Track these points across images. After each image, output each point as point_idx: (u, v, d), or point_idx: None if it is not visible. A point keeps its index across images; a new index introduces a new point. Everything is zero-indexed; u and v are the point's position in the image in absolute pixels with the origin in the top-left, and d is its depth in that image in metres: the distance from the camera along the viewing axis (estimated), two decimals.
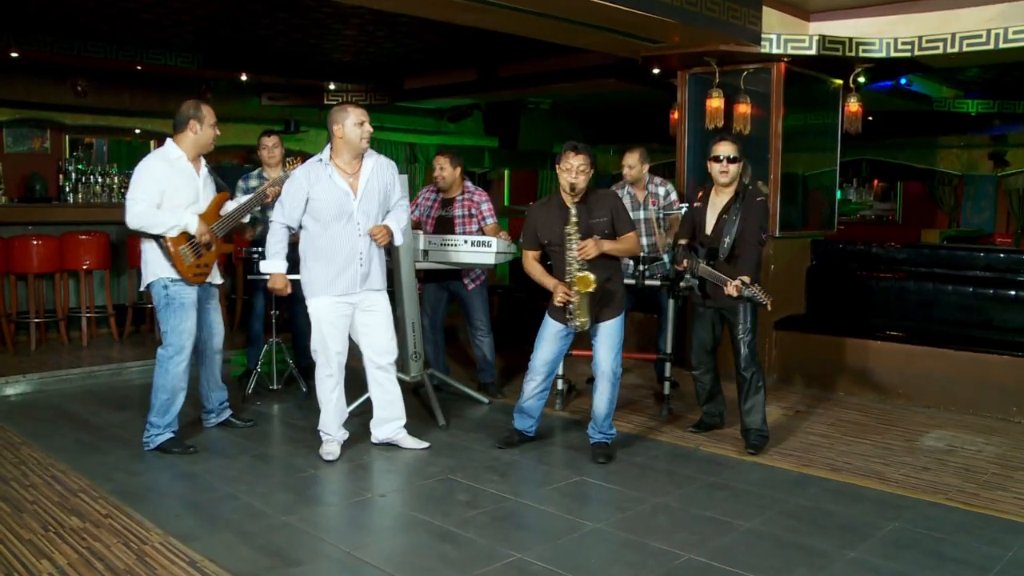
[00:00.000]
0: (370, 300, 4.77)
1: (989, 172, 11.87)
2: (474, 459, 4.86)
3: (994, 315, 6.41)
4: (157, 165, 4.76)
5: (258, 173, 6.38)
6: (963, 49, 6.23)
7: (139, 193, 4.68)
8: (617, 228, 4.74)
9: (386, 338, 4.87)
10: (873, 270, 7.12)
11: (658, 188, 6.39)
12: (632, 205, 6.30)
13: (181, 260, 4.76)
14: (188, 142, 4.83)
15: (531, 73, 8.92)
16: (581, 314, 4.65)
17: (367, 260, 4.70)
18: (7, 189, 8.96)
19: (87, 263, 7.42)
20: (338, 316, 4.72)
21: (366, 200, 4.67)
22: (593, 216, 4.70)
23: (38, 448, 4.89)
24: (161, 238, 4.73)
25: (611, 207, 4.75)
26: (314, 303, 4.74)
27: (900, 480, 4.62)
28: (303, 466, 4.70)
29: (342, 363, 4.80)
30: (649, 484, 4.53)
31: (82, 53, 7.75)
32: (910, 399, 6.26)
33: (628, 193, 6.32)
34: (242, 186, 6.29)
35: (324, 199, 4.59)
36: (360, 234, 4.66)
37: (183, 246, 4.76)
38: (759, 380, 5.03)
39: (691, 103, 7.28)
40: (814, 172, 7.67)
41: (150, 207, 4.68)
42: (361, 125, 4.58)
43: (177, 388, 4.85)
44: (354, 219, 4.64)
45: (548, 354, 4.87)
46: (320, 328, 4.72)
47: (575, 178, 4.61)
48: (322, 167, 4.64)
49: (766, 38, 6.47)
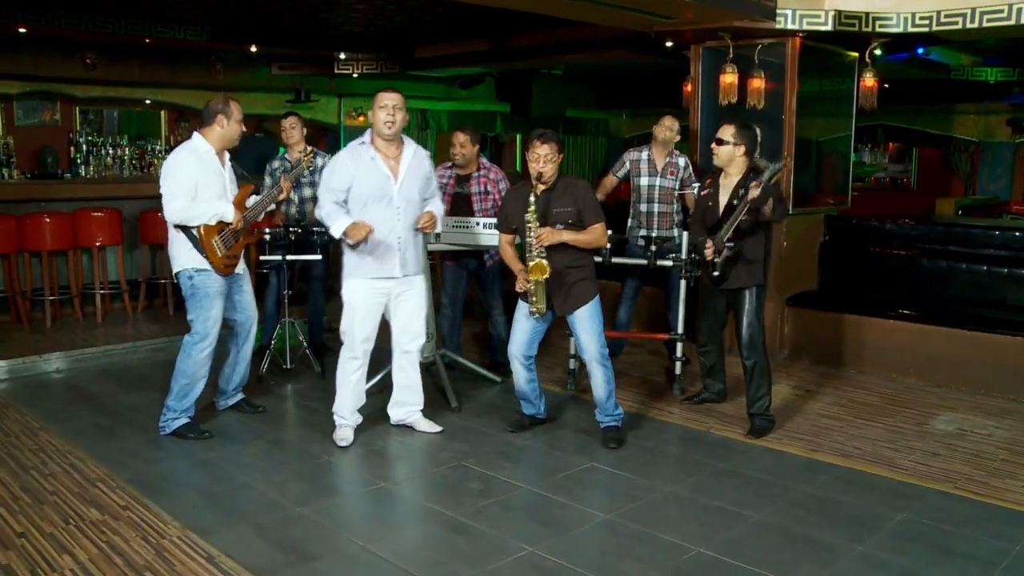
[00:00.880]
0: (407, 285, 4.82)
1: (1007, 139, 11.69)
2: (486, 444, 4.91)
3: (1008, 294, 6.36)
4: (188, 159, 4.79)
5: (281, 155, 6.53)
6: (983, 24, 6.09)
7: (175, 187, 4.71)
8: (584, 218, 4.72)
9: (417, 324, 4.93)
10: (887, 247, 7.06)
11: (678, 159, 6.38)
12: (649, 170, 6.29)
13: (214, 251, 4.80)
14: (215, 136, 4.86)
15: (543, 43, 8.82)
16: (537, 300, 4.70)
17: (404, 244, 4.72)
18: (19, 162, 8.98)
19: (100, 240, 7.45)
20: (372, 301, 4.76)
21: (406, 185, 4.70)
22: (558, 205, 4.70)
23: (56, 433, 4.96)
24: (196, 230, 4.76)
25: (579, 197, 4.73)
26: (348, 285, 4.77)
27: (910, 467, 4.64)
28: (317, 452, 4.75)
29: (368, 350, 4.85)
30: (659, 471, 4.58)
31: (90, 28, 7.70)
32: (922, 378, 6.26)
33: (647, 158, 6.31)
34: (268, 169, 6.55)
35: (366, 181, 4.62)
36: (399, 218, 4.68)
37: (215, 238, 4.81)
38: (762, 367, 5.07)
39: (704, 76, 7.18)
40: (829, 137, 7.60)
41: (187, 201, 4.72)
42: (383, 109, 4.57)
43: (198, 375, 4.91)
44: (394, 203, 4.67)
45: (521, 337, 4.90)
46: (352, 311, 4.76)
47: (543, 167, 4.61)
48: (364, 149, 4.67)
49: (781, 13, 6.34)
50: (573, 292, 4.78)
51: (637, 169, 6.32)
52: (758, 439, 5.02)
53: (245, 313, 5.17)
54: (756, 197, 4.68)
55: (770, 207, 4.81)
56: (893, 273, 6.91)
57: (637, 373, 6.41)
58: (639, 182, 6.33)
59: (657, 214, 6.29)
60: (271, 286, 6.55)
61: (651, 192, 6.29)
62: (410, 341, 4.95)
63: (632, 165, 6.38)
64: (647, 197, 6.30)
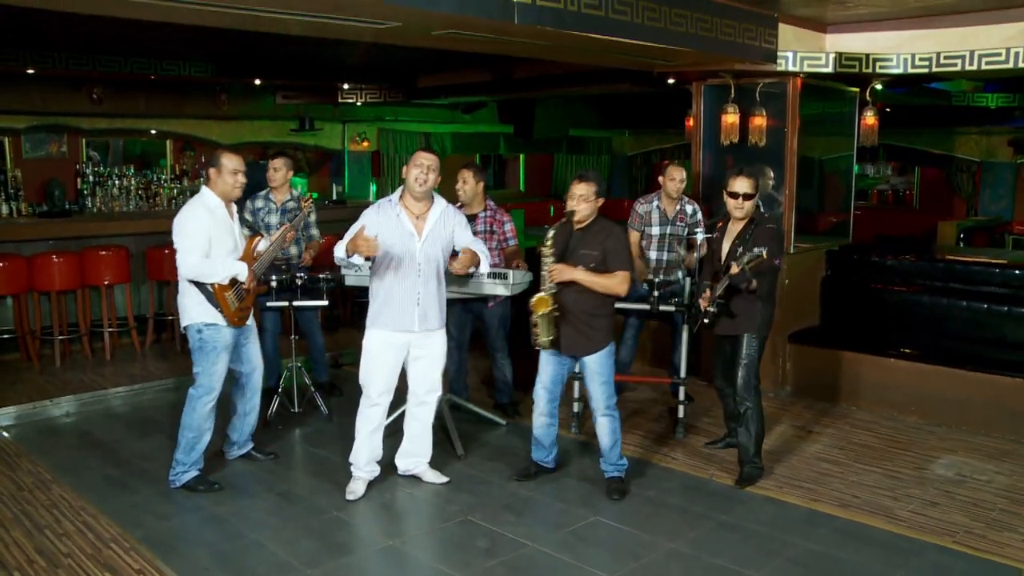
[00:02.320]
0: (426, 340, 4.88)
1: (1009, 159, 11.74)
2: (492, 495, 4.98)
3: (1008, 332, 6.42)
4: (200, 213, 4.86)
5: (265, 194, 6.46)
6: (982, 67, 6.17)
7: (189, 243, 4.78)
8: (608, 264, 4.75)
9: (434, 377, 5.00)
10: (887, 283, 7.13)
11: (687, 205, 6.44)
12: (660, 219, 6.35)
13: (227, 305, 4.88)
14: (216, 189, 4.92)
15: (545, 75, 8.88)
16: (542, 334, 4.76)
17: (424, 300, 4.78)
18: (26, 195, 9.06)
19: (108, 279, 7.53)
20: (391, 352, 4.82)
21: (429, 243, 4.77)
22: (585, 246, 4.75)
23: (69, 487, 5.04)
24: (210, 285, 4.84)
25: (608, 243, 4.76)
26: (368, 335, 4.86)
27: (908, 518, 4.71)
28: (326, 507, 4.83)
29: (387, 402, 4.92)
30: (662, 525, 4.64)
31: (96, 67, 7.79)
32: (922, 417, 6.33)
33: (657, 208, 6.37)
34: (248, 206, 6.38)
35: (389, 237, 4.68)
36: (419, 275, 4.75)
37: (229, 293, 4.88)
38: (753, 414, 5.14)
39: (706, 112, 7.27)
40: (831, 156, 7.70)
41: (201, 256, 4.79)
42: (418, 168, 4.66)
43: (204, 428, 4.98)
44: (416, 260, 4.74)
45: (546, 377, 4.97)
46: (369, 361, 4.84)
47: (576, 205, 4.69)
48: (391, 207, 4.75)
49: (782, 55, 6.42)
50: (583, 337, 4.82)
51: (649, 219, 6.38)
52: (747, 487, 5.11)
53: (251, 364, 5.24)
54: (736, 275, 4.78)
55: (755, 285, 4.90)
56: (894, 309, 6.97)
57: (640, 412, 6.48)
58: (651, 231, 6.38)
59: (667, 261, 6.36)
60: (268, 331, 6.56)
61: (662, 241, 6.36)
62: (427, 392, 5.01)
63: (645, 216, 6.42)
64: (658, 245, 6.37)
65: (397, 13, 4.25)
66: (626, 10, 5.05)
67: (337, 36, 5.18)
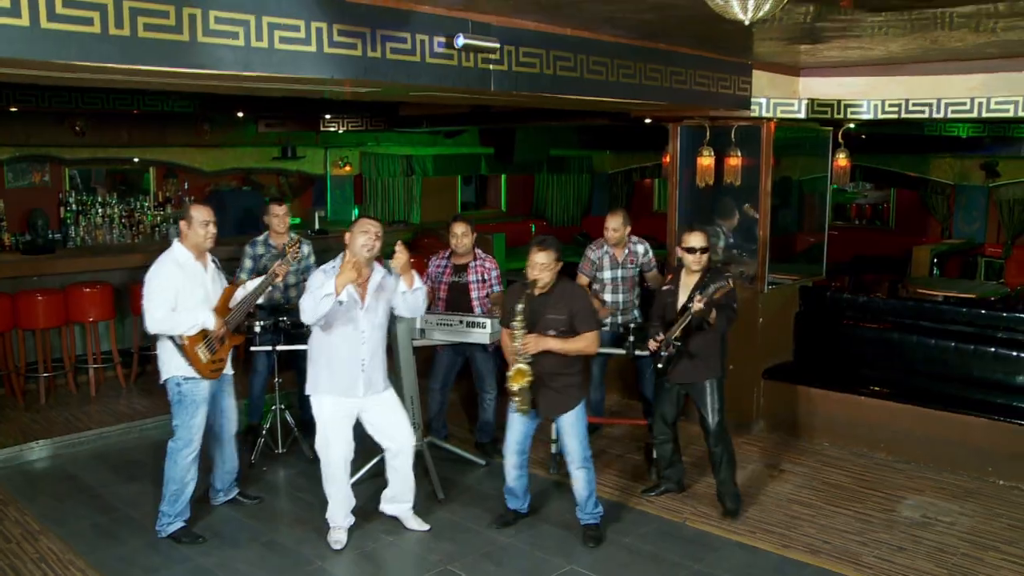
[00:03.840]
0: (374, 401, 4.97)
1: (981, 183, 11.98)
2: (472, 544, 5.10)
3: (974, 370, 6.61)
4: (169, 269, 4.95)
5: (264, 239, 6.57)
6: (948, 115, 6.36)
7: (156, 300, 4.88)
8: (576, 326, 4.87)
9: (402, 433, 5.08)
10: (859, 319, 7.31)
11: (636, 246, 6.60)
12: (611, 264, 6.50)
13: (198, 359, 4.97)
14: (187, 242, 5.02)
15: (525, 108, 8.99)
16: (521, 403, 4.89)
17: (369, 367, 4.88)
18: (9, 225, 9.11)
19: (92, 316, 7.59)
20: (340, 417, 4.92)
21: (372, 310, 4.86)
22: (551, 311, 4.86)
23: (56, 538, 5.12)
24: (178, 339, 4.92)
25: (573, 305, 4.87)
26: (316, 401, 4.95)
27: (874, 565, 4.88)
28: (310, 556, 4.94)
29: (346, 466, 5.01)
30: (636, 574, 4.78)
31: (79, 105, 7.85)
32: (891, 453, 6.51)
33: (607, 253, 6.51)
34: (249, 252, 6.53)
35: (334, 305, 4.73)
36: (363, 342, 4.84)
37: (199, 345, 4.97)
38: (729, 457, 5.37)
39: (683, 150, 7.40)
40: (808, 177, 7.84)
41: (168, 312, 4.88)
42: (365, 234, 4.73)
43: (186, 479, 5.08)
44: (359, 327, 4.83)
45: (515, 435, 5.10)
46: (324, 429, 4.93)
47: (539, 274, 4.78)
48: (334, 272, 4.74)
49: (756, 102, 6.58)
50: (559, 397, 4.97)
51: (601, 264, 6.53)
52: (734, 519, 5.38)
53: (227, 417, 5.35)
54: (700, 309, 4.93)
55: (714, 317, 5.07)
56: (865, 346, 7.15)
57: (615, 450, 6.63)
58: (603, 276, 6.54)
59: (622, 302, 6.53)
60: (257, 372, 6.67)
61: (615, 284, 6.52)
62: (402, 447, 5.11)
63: (597, 262, 6.56)
64: (612, 288, 6.53)
65: (378, 83, 4.36)
66: (601, 69, 5.19)
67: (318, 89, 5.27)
